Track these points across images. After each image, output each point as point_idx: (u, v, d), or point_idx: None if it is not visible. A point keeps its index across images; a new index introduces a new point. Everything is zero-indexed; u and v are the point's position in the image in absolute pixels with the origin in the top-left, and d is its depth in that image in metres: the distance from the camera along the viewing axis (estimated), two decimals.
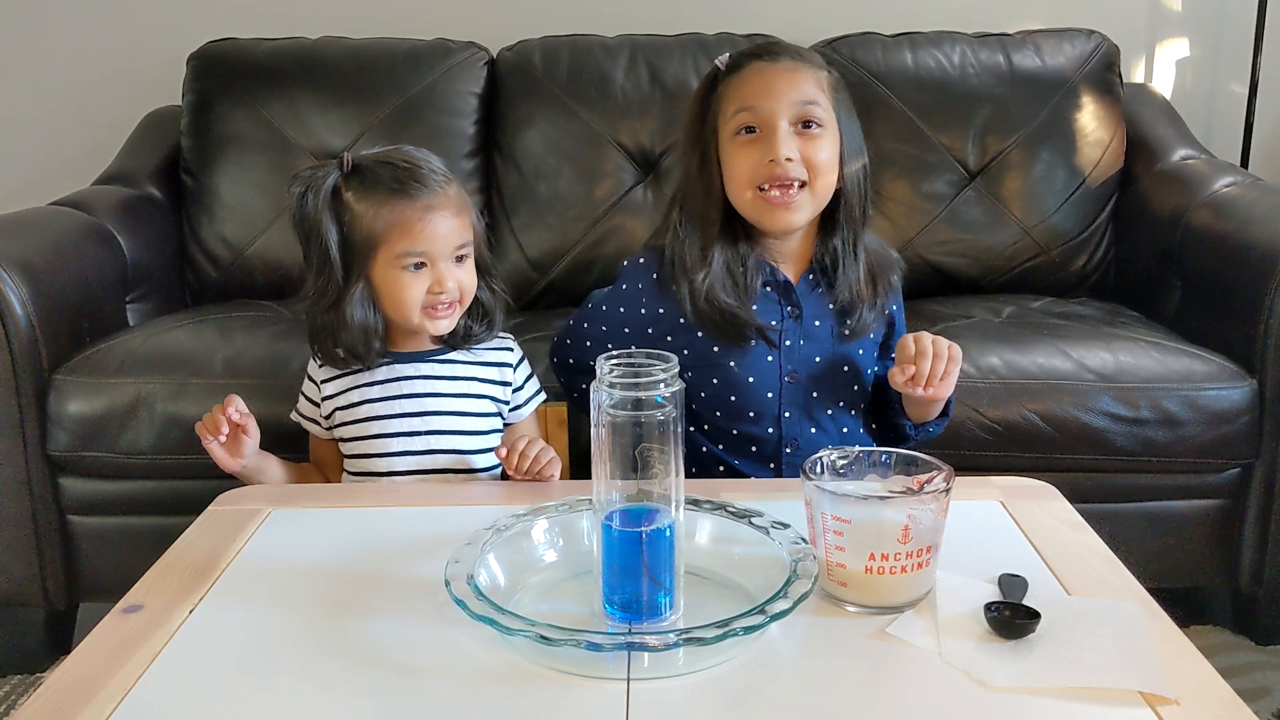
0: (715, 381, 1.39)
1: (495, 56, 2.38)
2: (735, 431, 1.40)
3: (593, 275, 2.24)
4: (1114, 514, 1.77)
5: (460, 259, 1.36)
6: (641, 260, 1.43)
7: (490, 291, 1.43)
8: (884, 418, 1.49)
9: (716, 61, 1.38)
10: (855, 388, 1.43)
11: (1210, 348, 1.82)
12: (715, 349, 1.38)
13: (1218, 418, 1.73)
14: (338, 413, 1.40)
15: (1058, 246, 2.25)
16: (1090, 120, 2.27)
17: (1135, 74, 2.57)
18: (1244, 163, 2.50)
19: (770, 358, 1.38)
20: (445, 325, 1.37)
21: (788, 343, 1.38)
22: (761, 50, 1.37)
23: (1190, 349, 1.82)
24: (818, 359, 1.39)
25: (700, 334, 1.38)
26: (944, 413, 1.44)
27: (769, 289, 1.39)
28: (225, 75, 2.30)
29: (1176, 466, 1.76)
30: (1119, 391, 1.74)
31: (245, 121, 2.27)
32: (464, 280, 1.36)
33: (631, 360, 0.92)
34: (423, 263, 1.33)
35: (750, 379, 1.38)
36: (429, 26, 2.42)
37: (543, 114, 2.28)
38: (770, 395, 1.38)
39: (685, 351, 1.37)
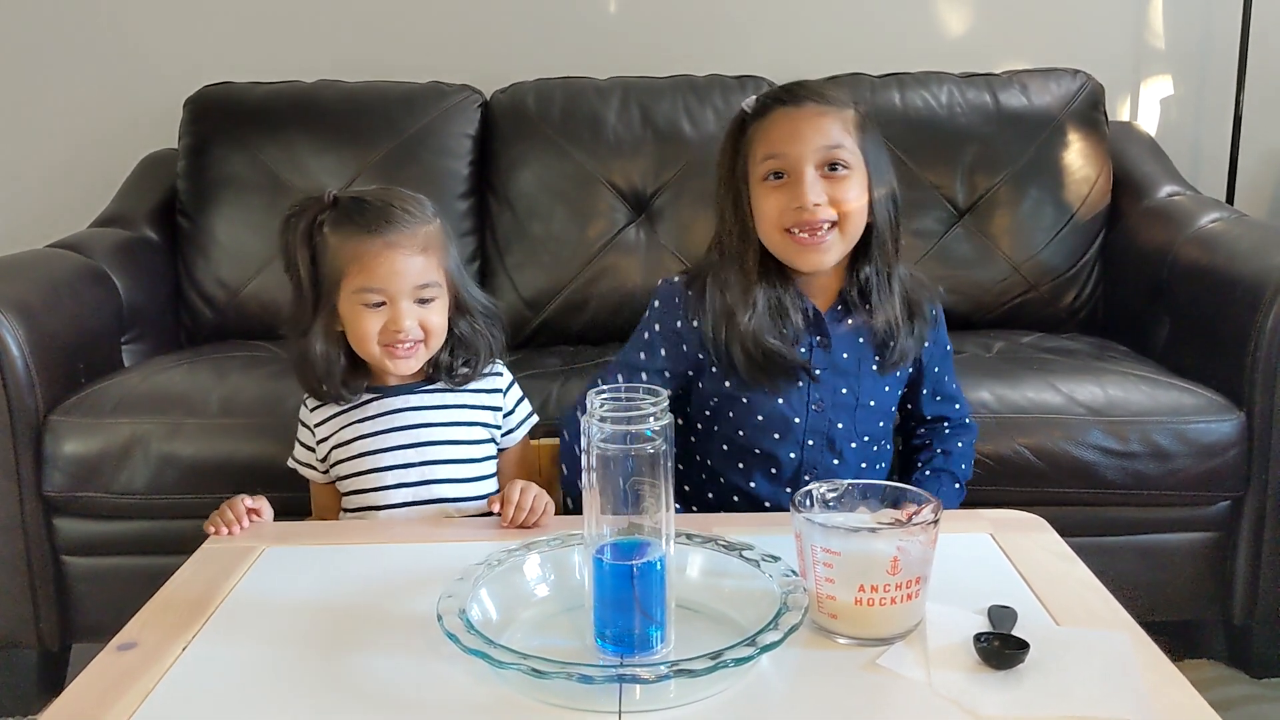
0: (745, 400, 1.41)
1: (489, 99, 2.41)
2: (758, 450, 1.42)
3: (586, 314, 2.26)
4: (1106, 547, 1.77)
5: (425, 300, 1.36)
6: (675, 279, 1.46)
7: (474, 331, 1.42)
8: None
9: (743, 105, 1.40)
10: (881, 424, 1.45)
11: (1198, 381, 1.83)
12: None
13: (1207, 450, 1.75)
14: (333, 452, 1.41)
15: (1046, 282, 2.27)
16: (1077, 158, 2.29)
17: (1121, 112, 2.60)
18: (1229, 199, 2.53)
19: (800, 384, 1.39)
20: (407, 365, 1.37)
21: (817, 371, 1.40)
22: (786, 94, 1.38)
23: (1179, 382, 1.83)
24: (843, 390, 1.41)
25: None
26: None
27: (799, 318, 1.40)
28: (221, 119, 2.33)
29: (1167, 499, 1.77)
30: (1109, 425, 1.75)
31: (241, 164, 2.29)
32: (428, 321, 1.36)
33: (622, 394, 0.93)
34: (382, 301, 1.34)
35: (780, 400, 1.40)
36: (423, 70, 2.45)
37: (536, 155, 2.31)
38: (797, 420, 1.40)
39: (714, 369, 1.41)
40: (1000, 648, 0.93)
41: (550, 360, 2.08)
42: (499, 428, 1.45)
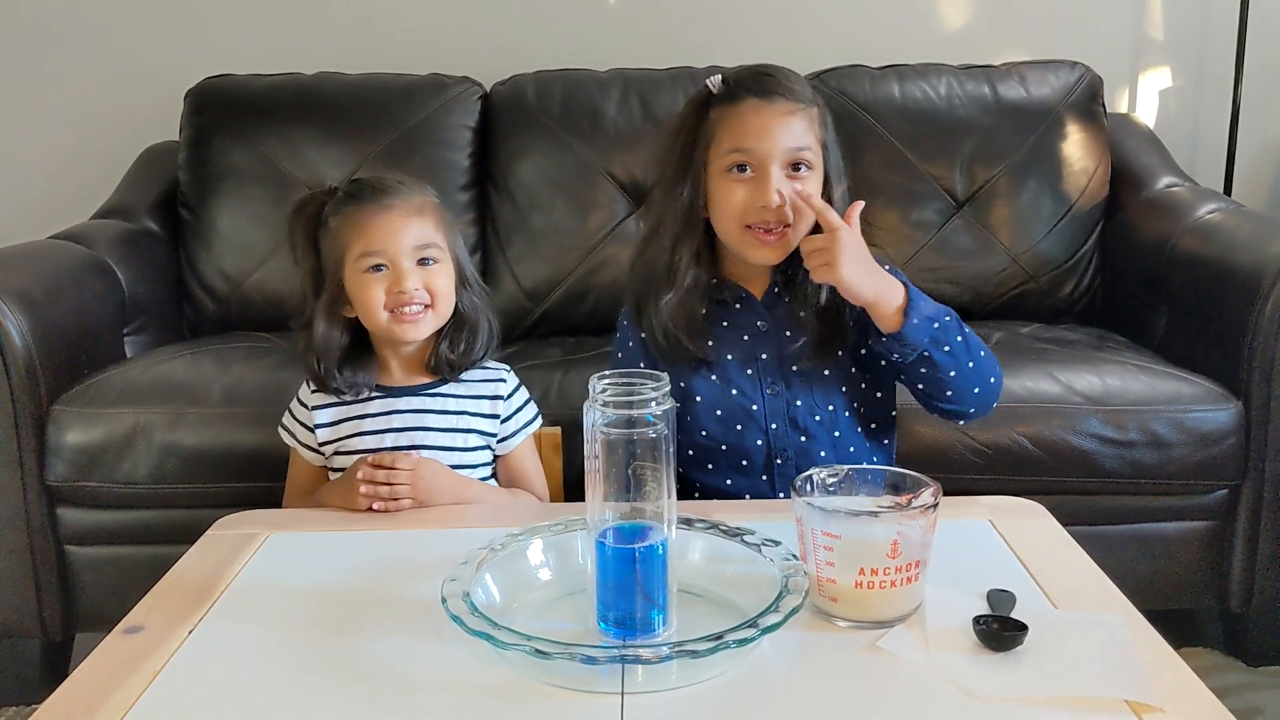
0: (700, 399, 1.40)
1: (489, 91, 2.41)
2: (724, 446, 1.41)
3: (586, 305, 2.26)
4: (1104, 536, 1.78)
5: (426, 261, 1.35)
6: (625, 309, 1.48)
7: (474, 308, 1.41)
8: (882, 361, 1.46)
9: (708, 82, 1.38)
10: (843, 388, 1.42)
11: (1196, 371, 1.84)
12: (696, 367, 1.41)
13: (1205, 439, 1.76)
14: (326, 446, 1.41)
15: (1045, 273, 2.28)
16: (1075, 149, 2.30)
17: (1119, 104, 2.61)
18: (1227, 190, 2.53)
19: (750, 371, 1.40)
20: (415, 331, 1.36)
21: (764, 356, 1.40)
22: (756, 85, 1.36)
23: (1177, 372, 1.84)
24: (794, 368, 1.40)
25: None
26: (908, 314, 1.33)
27: (737, 306, 1.41)
28: (222, 110, 2.34)
29: (1165, 488, 1.78)
30: (1107, 414, 1.76)
31: (242, 156, 2.29)
32: (433, 284, 1.35)
33: (623, 379, 0.94)
34: (383, 264, 1.34)
35: (734, 391, 1.40)
36: (423, 62, 2.45)
37: (536, 147, 2.31)
38: (755, 408, 1.40)
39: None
40: (999, 630, 0.93)
41: (551, 351, 2.09)
42: (494, 435, 1.43)
